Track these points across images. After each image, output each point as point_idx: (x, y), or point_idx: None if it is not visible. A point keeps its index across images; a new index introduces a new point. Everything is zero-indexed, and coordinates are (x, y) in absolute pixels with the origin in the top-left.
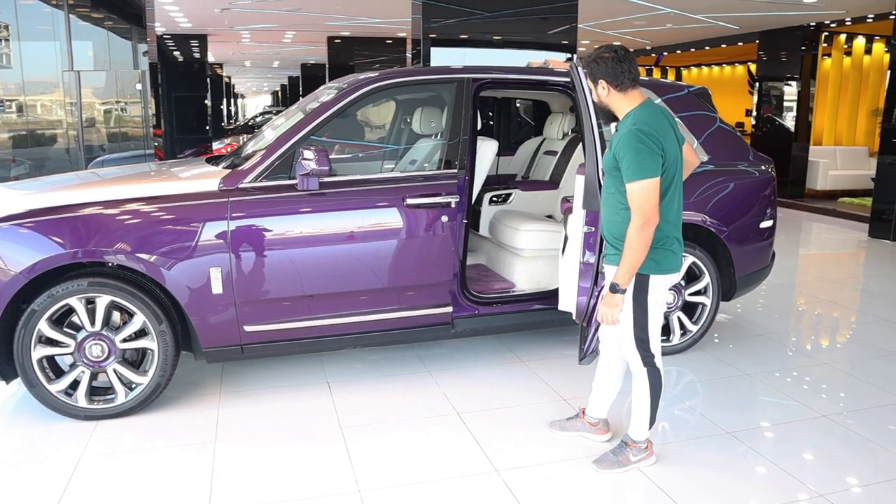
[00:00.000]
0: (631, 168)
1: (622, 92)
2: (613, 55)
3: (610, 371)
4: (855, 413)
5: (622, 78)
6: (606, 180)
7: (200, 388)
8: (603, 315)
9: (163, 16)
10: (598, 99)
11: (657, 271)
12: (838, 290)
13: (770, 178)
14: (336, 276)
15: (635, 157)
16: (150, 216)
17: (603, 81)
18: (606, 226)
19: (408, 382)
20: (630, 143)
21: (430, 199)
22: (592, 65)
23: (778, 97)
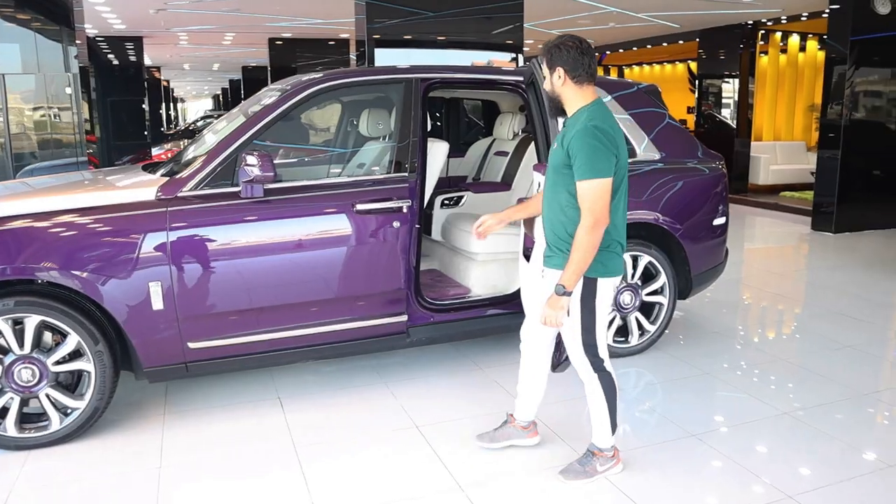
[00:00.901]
0: (585, 166)
1: (578, 84)
2: (577, 45)
3: (534, 372)
4: (814, 408)
5: (580, 70)
6: (551, 178)
7: (143, 410)
8: (547, 317)
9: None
10: (550, 87)
11: (604, 274)
12: (786, 283)
13: (721, 175)
14: (284, 288)
15: (591, 155)
16: (82, 229)
17: (561, 69)
18: (549, 226)
19: (363, 395)
20: (586, 140)
21: (380, 205)
22: (553, 50)
23: (718, 94)
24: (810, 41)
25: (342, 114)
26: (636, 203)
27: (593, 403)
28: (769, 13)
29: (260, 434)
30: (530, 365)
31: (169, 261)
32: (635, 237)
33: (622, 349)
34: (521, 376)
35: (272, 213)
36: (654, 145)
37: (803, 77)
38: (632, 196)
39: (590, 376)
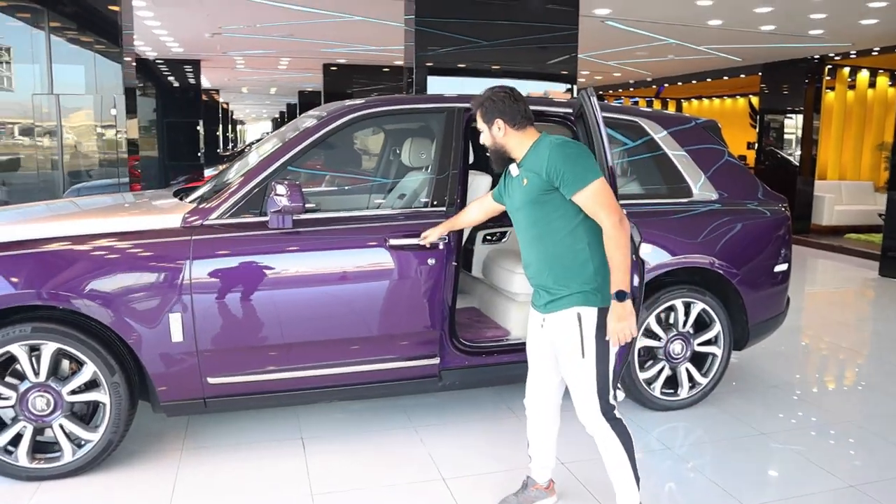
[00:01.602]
0: (579, 173)
1: (519, 130)
2: (508, 94)
3: (545, 431)
4: (885, 483)
5: (518, 117)
6: (530, 216)
7: (161, 442)
8: (620, 333)
9: (153, 40)
10: (491, 141)
11: (608, 299)
12: (851, 333)
13: (784, 218)
14: (308, 325)
15: (577, 162)
16: (100, 255)
17: (499, 121)
18: (545, 267)
19: (390, 439)
20: (563, 153)
21: (416, 240)
22: (487, 104)
23: (781, 130)
24: (881, 77)
25: (384, 142)
26: (689, 245)
27: (611, 459)
28: (838, 47)
29: (277, 479)
30: (540, 424)
31: (190, 291)
32: (688, 282)
33: (671, 402)
34: (531, 437)
35: (300, 245)
36: (711, 184)
37: (872, 114)
38: (685, 238)
39: (602, 428)
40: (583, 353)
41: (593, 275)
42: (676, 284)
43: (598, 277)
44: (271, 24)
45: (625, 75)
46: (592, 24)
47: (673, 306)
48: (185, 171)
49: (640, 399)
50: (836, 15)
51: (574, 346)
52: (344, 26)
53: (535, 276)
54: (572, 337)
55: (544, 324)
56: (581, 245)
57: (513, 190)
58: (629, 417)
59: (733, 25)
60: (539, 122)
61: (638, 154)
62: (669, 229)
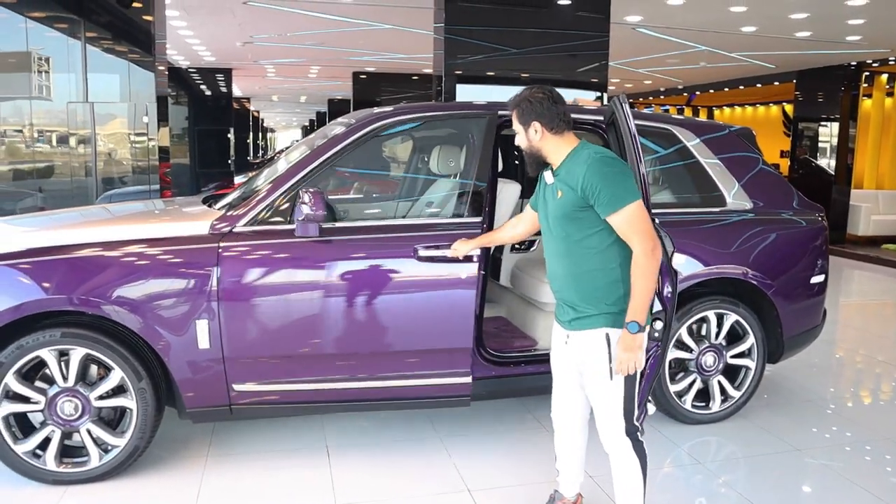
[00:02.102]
0: (616, 194)
1: (557, 135)
2: (547, 96)
3: (573, 444)
4: None
5: (557, 120)
6: (562, 230)
7: (187, 448)
8: (624, 363)
9: (186, 49)
10: (527, 144)
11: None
12: (888, 346)
13: (821, 228)
14: (335, 336)
15: (615, 182)
16: (130, 261)
17: (536, 124)
18: (572, 284)
19: (416, 450)
20: (603, 170)
21: (446, 252)
22: (524, 105)
23: (816, 138)
24: None
25: (413, 149)
26: (722, 256)
27: (625, 480)
28: (877, 54)
29: (301, 488)
30: (567, 438)
31: (217, 298)
32: (721, 293)
33: (703, 416)
34: (558, 451)
35: (326, 254)
36: (745, 193)
37: None
38: (718, 248)
39: (624, 448)
40: (610, 375)
41: (623, 296)
42: (709, 295)
43: (628, 299)
44: (302, 33)
45: (655, 83)
46: (623, 32)
47: (705, 317)
48: (215, 179)
49: (671, 412)
50: (874, 20)
51: (602, 367)
52: (374, 35)
53: (561, 291)
54: (600, 358)
55: (569, 340)
56: (613, 265)
57: (546, 198)
58: (659, 431)
59: (767, 32)
60: None
61: (670, 162)
62: (702, 239)
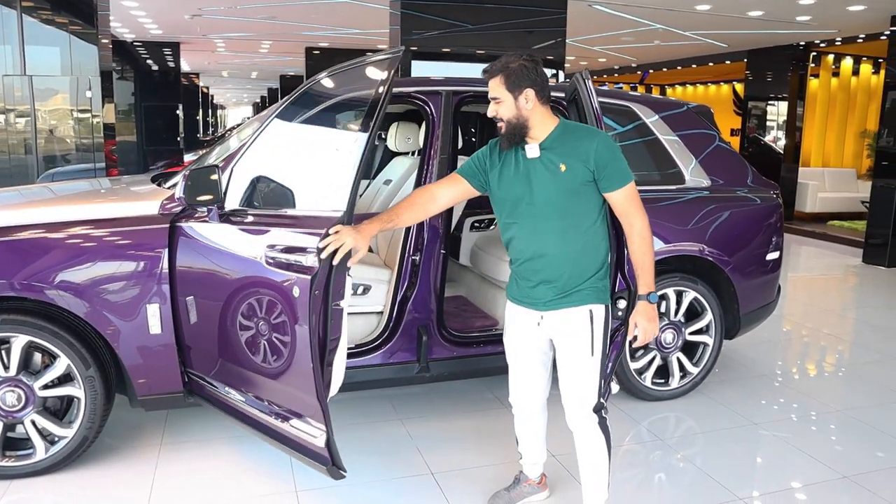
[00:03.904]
0: (622, 171)
1: (545, 105)
2: (538, 62)
3: (535, 430)
4: (877, 473)
5: (547, 90)
6: (561, 204)
7: (140, 436)
8: (651, 330)
9: (131, 21)
10: (515, 112)
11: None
12: (837, 321)
13: (776, 206)
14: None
15: (621, 159)
16: (75, 243)
17: (530, 91)
18: (566, 262)
19: (377, 432)
20: (612, 147)
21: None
22: (518, 69)
23: (765, 117)
24: (864, 64)
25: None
26: (680, 233)
27: (590, 456)
28: (825, 34)
29: (260, 474)
30: (529, 422)
31: (169, 281)
32: (680, 270)
33: (662, 392)
34: (520, 436)
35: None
36: (702, 170)
37: (855, 101)
38: (675, 225)
39: (589, 422)
40: (592, 351)
41: (606, 272)
42: (668, 273)
43: (608, 275)
44: (252, 6)
45: (610, 61)
46: (579, 8)
47: (665, 295)
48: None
49: (631, 389)
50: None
51: (584, 343)
52: (326, 8)
53: (545, 271)
54: (583, 335)
55: (542, 322)
56: (601, 242)
57: (531, 175)
58: (620, 408)
59: (721, 10)
60: None
61: (629, 139)
62: (661, 216)
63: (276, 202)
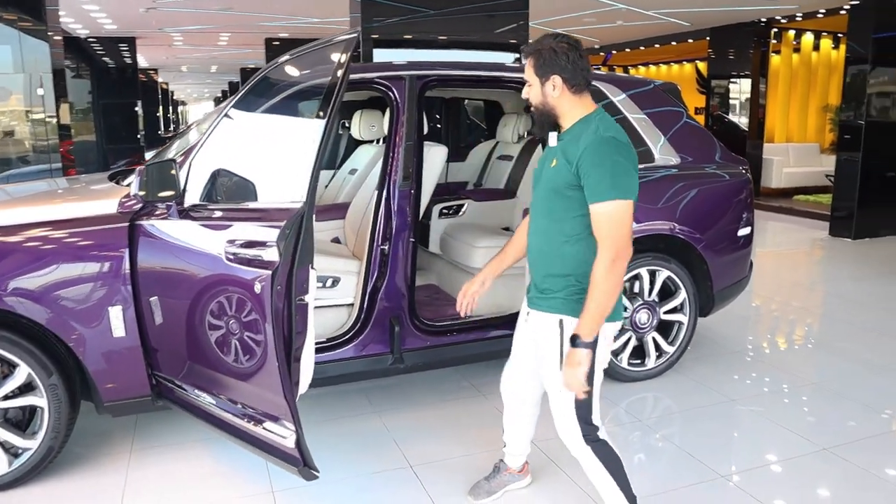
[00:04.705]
0: (603, 184)
1: (577, 94)
2: (574, 47)
3: (523, 419)
4: (856, 443)
5: (580, 77)
6: (546, 203)
7: (110, 442)
8: (570, 382)
9: (84, 17)
10: (541, 99)
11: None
12: (809, 294)
13: (745, 181)
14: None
15: (610, 171)
16: (32, 246)
17: (557, 78)
18: (540, 261)
19: (353, 427)
20: (604, 154)
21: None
22: (547, 54)
23: (729, 95)
24: (824, 39)
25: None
26: (651, 212)
27: (598, 483)
28: (785, 10)
29: (235, 476)
30: (517, 413)
31: (131, 282)
32: (653, 250)
33: (638, 373)
34: (506, 425)
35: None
36: (671, 147)
37: (816, 77)
38: (646, 204)
39: (582, 450)
40: (560, 365)
41: None
42: (641, 252)
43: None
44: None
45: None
46: None
47: (638, 275)
48: (124, 155)
49: (608, 371)
50: None
51: (553, 354)
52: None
53: (532, 266)
54: (552, 345)
55: (528, 318)
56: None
57: (543, 164)
58: None
59: None
60: (494, 89)
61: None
62: None
63: (238, 195)
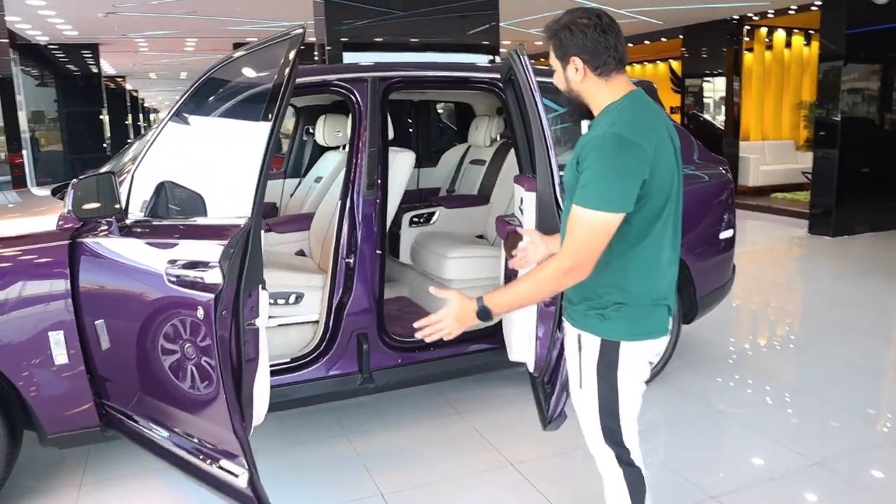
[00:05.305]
0: (591, 188)
1: (603, 77)
2: (594, 22)
3: None
4: (851, 456)
5: (605, 56)
6: (568, 206)
7: (60, 474)
8: (436, 326)
9: (40, 22)
10: (566, 85)
11: (632, 335)
12: (790, 295)
13: (726, 182)
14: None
15: (601, 175)
16: None
17: (577, 59)
18: None
19: (321, 452)
20: (601, 152)
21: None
22: (563, 34)
23: (703, 93)
24: (796, 36)
25: (297, 119)
26: None
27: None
28: (757, 6)
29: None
30: None
31: (74, 304)
32: None
33: None
34: None
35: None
36: None
37: (790, 74)
38: None
39: (612, 470)
40: (580, 383)
41: (616, 305)
42: None
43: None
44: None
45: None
46: None
47: None
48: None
49: None
50: None
51: (573, 370)
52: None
53: None
54: (572, 360)
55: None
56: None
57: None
58: None
59: None
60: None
61: (574, 121)
62: None
63: (186, 210)
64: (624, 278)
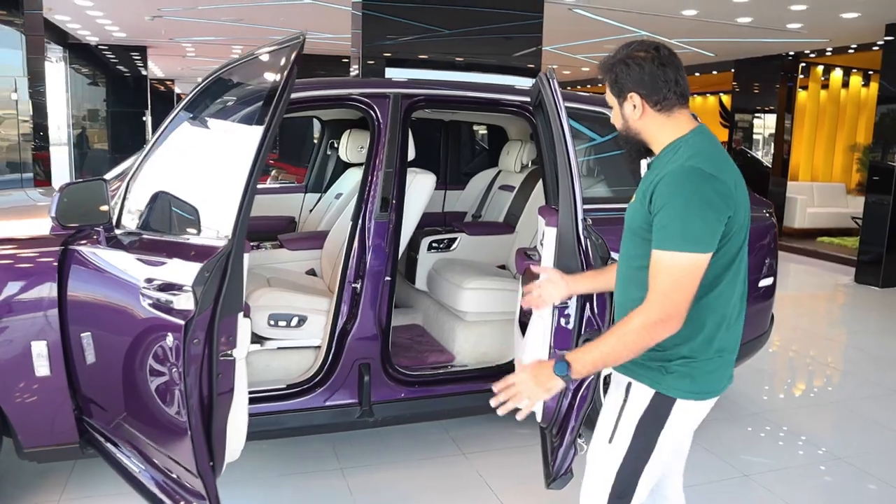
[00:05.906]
0: (671, 229)
1: (664, 112)
2: (652, 55)
3: None
4: None
5: (664, 91)
6: (627, 245)
7: (41, 488)
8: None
9: (91, 23)
10: (623, 123)
11: (690, 393)
12: (834, 349)
13: (769, 226)
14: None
15: (683, 213)
16: None
17: (635, 95)
18: (619, 312)
19: (311, 486)
20: (679, 188)
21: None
22: (619, 68)
23: (753, 130)
24: (854, 76)
25: (322, 133)
26: None
27: None
28: (815, 44)
29: None
30: None
31: (59, 314)
32: None
33: None
34: None
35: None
36: None
37: (845, 114)
38: None
39: None
40: (611, 437)
41: (682, 360)
42: None
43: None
44: (214, 7)
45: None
46: (559, 12)
47: None
48: None
49: None
50: (816, 6)
51: (609, 420)
52: (292, 10)
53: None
54: (611, 408)
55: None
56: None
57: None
58: None
59: (709, 16)
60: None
61: (608, 151)
62: None
63: (181, 224)
64: (694, 330)
